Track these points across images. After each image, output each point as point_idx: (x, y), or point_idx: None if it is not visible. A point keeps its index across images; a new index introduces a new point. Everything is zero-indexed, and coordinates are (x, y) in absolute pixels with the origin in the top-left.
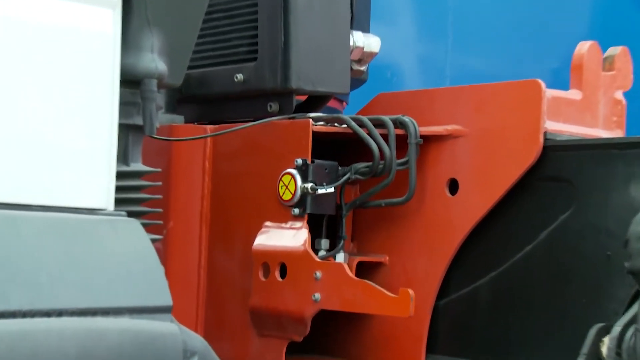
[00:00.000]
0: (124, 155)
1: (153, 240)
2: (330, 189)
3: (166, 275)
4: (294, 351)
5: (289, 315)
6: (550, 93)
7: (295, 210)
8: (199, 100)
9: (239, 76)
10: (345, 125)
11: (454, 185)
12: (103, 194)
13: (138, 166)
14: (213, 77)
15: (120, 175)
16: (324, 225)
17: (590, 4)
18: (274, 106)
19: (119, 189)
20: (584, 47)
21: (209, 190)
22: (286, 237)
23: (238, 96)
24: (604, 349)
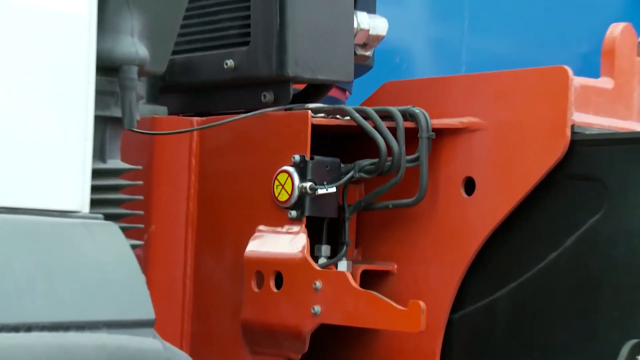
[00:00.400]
0: (100, 151)
1: (133, 246)
2: (332, 189)
3: (148, 285)
4: None
5: (285, 330)
6: (578, 81)
7: (293, 213)
8: (184, 89)
9: (229, 62)
10: (348, 118)
11: (470, 185)
12: (77, 194)
13: (116, 163)
14: (200, 64)
15: (96, 174)
16: (324, 230)
17: None
18: (268, 96)
19: (95, 189)
20: (617, 30)
21: (195, 190)
22: (282, 243)
23: (228, 85)
24: None
